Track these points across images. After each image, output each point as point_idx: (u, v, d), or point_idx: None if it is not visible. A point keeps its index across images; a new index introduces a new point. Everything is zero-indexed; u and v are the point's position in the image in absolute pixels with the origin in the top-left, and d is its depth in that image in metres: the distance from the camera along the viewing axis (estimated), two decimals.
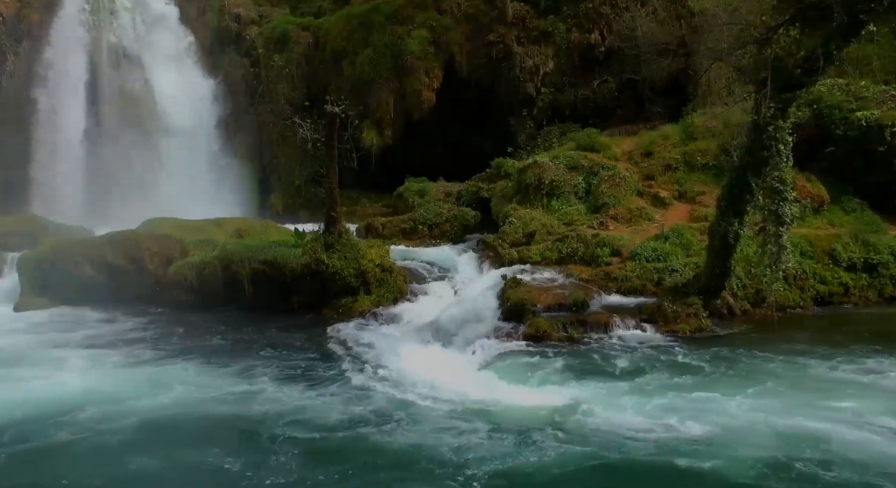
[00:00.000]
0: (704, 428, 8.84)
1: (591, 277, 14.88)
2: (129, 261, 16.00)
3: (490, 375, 11.03)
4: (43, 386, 10.73)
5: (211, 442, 8.75)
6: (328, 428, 9.12)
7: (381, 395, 10.26)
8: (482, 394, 10.12)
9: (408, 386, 10.50)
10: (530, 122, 24.52)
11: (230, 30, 27.36)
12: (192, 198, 22.91)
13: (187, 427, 9.31)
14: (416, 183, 22.56)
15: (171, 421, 9.44)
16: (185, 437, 8.98)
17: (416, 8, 24.92)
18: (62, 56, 24.89)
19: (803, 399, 9.70)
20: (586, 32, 24.46)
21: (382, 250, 16.03)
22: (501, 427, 9.05)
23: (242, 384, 10.84)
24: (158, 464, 8.21)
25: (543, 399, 9.87)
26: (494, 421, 9.21)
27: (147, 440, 8.83)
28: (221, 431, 9.18)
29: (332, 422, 9.32)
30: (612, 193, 18.04)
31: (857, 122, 17.04)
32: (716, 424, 8.97)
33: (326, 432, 9.00)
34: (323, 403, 10.07)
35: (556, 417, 9.28)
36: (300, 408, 9.80)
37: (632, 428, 8.89)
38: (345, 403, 10.04)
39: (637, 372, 10.97)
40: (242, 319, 14.55)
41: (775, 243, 12.32)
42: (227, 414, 9.70)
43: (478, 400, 9.92)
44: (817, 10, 11.37)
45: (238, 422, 9.40)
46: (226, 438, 8.96)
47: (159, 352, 12.60)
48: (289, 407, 9.80)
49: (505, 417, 9.36)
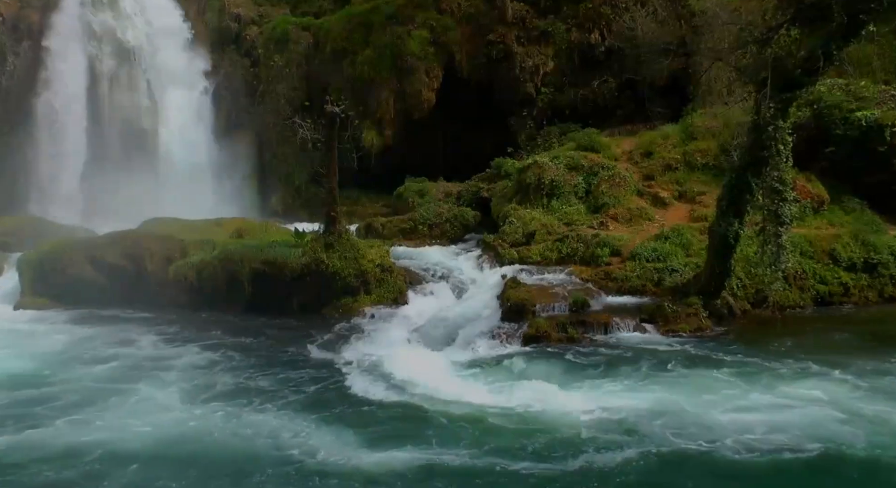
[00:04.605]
0: (704, 429, 8.85)
1: (591, 277, 14.88)
2: (129, 261, 15.98)
3: (490, 375, 11.02)
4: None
5: (208, 442, 8.77)
6: (327, 429, 9.11)
7: (381, 397, 10.24)
8: (482, 396, 10.09)
9: (408, 388, 10.47)
10: (530, 122, 24.49)
11: (230, 30, 27.32)
12: (192, 198, 22.87)
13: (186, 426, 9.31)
14: (415, 183, 22.55)
15: (169, 421, 9.44)
16: (185, 436, 8.98)
17: (416, 8, 24.89)
18: (62, 55, 24.86)
19: (803, 399, 9.69)
20: (586, 32, 24.43)
21: (382, 250, 16.04)
22: (502, 428, 9.04)
23: (241, 385, 10.82)
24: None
25: (543, 399, 9.85)
26: (495, 423, 9.19)
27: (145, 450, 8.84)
28: (220, 430, 9.16)
29: (332, 422, 9.32)
30: (612, 193, 18.03)
31: (857, 122, 17.03)
32: (716, 424, 8.98)
33: (325, 433, 8.96)
34: (323, 403, 10.07)
35: (556, 417, 9.29)
36: (300, 410, 9.77)
37: (631, 428, 8.90)
38: (345, 404, 10.04)
39: (637, 372, 10.96)
40: (242, 319, 14.54)
41: (775, 243, 12.33)
42: (226, 414, 9.69)
43: (478, 401, 9.88)
44: (817, 10, 11.38)
45: (237, 422, 9.38)
46: (223, 438, 8.94)
47: (159, 352, 12.60)
48: (287, 410, 9.74)
49: (505, 418, 9.35)
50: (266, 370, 11.47)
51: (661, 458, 8.15)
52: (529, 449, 8.41)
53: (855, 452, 8.17)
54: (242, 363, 11.88)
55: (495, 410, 9.57)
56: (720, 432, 8.72)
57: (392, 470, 7.97)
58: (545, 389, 10.13)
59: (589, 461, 8.09)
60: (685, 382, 10.46)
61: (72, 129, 24.42)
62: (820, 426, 8.82)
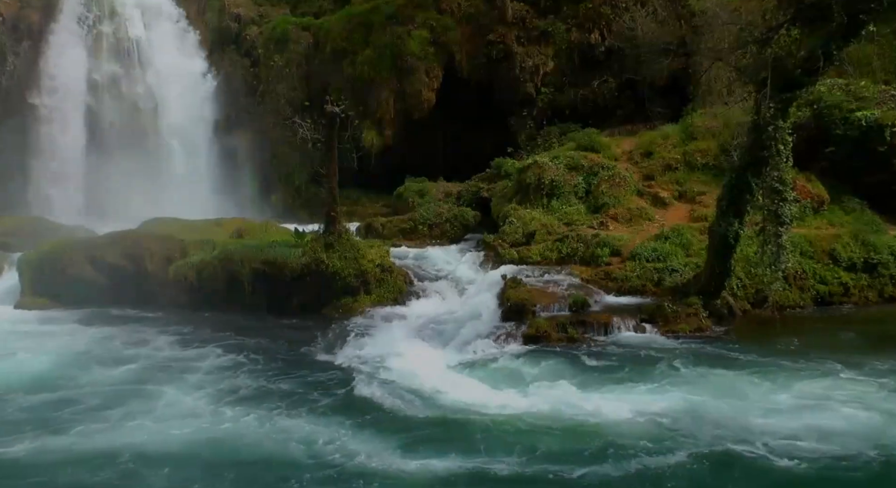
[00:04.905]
0: (702, 429, 8.85)
1: (591, 277, 14.87)
2: (129, 261, 15.98)
3: (490, 376, 11.02)
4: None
5: (242, 445, 8.74)
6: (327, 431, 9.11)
7: (381, 398, 10.23)
8: (482, 397, 10.09)
9: (407, 389, 10.45)
10: (530, 122, 24.51)
11: (230, 30, 27.33)
12: (192, 198, 22.90)
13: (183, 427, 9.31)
14: (415, 183, 22.56)
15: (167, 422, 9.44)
16: (182, 438, 8.98)
17: (416, 8, 24.90)
18: (62, 56, 24.87)
19: (831, 399, 9.68)
20: (586, 32, 24.45)
21: (382, 250, 16.04)
22: (502, 429, 9.03)
23: (264, 387, 10.78)
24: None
25: (543, 399, 9.87)
26: (495, 423, 9.19)
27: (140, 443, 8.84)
28: (253, 434, 9.14)
29: (331, 424, 9.32)
30: (612, 193, 18.04)
31: (857, 122, 17.03)
32: (715, 425, 8.97)
33: (360, 437, 8.92)
34: (323, 405, 10.07)
35: (554, 417, 9.29)
36: (299, 412, 9.76)
37: (673, 431, 8.85)
38: (345, 405, 10.04)
39: (637, 372, 10.95)
40: (242, 319, 14.52)
41: (775, 243, 12.32)
42: (224, 414, 9.69)
43: (478, 402, 9.88)
44: (817, 10, 11.38)
45: (236, 424, 9.38)
46: (221, 440, 8.94)
47: (175, 352, 12.57)
48: (286, 413, 9.72)
49: (505, 419, 9.35)
50: (287, 372, 11.40)
51: (713, 461, 8.03)
52: (584, 454, 8.26)
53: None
54: (262, 365, 11.80)
55: (495, 410, 9.57)
56: (762, 435, 8.62)
57: (435, 476, 7.87)
58: (563, 391, 10.08)
59: (643, 465, 7.95)
60: (706, 383, 10.38)
61: (72, 129, 24.45)
62: (864, 427, 8.72)
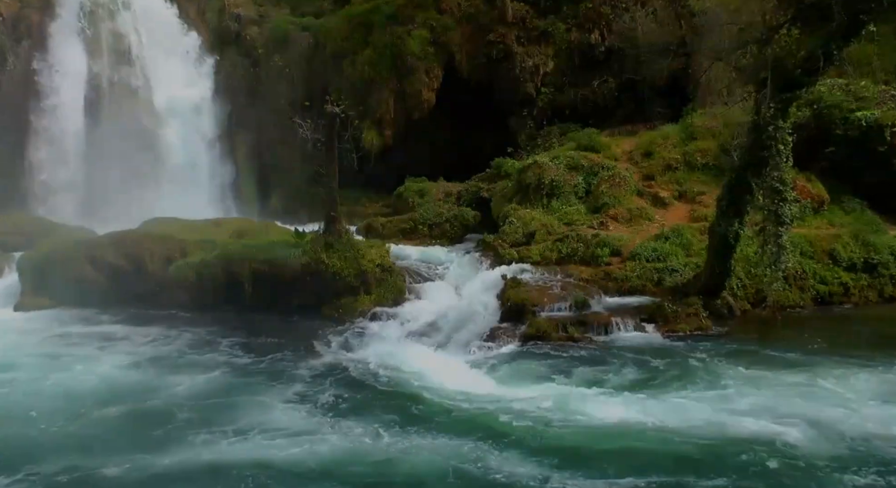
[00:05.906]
0: (701, 429, 8.85)
1: (591, 277, 14.88)
2: (129, 261, 15.95)
3: (489, 376, 11.02)
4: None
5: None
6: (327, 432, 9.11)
7: (381, 398, 10.26)
8: (483, 397, 10.11)
9: (407, 389, 10.47)
10: (530, 122, 24.50)
11: (230, 30, 27.28)
12: (192, 199, 22.87)
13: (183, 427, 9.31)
14: (416, 183, 22.56)
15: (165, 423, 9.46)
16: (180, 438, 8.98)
17: (416, 8, 24.88)
18: (62, 56, 24.83)
19: (802, 399, 9.72)
20: (586, 32, 24.44)
21: (382, 250, 16.03)
22: (502, 430, 9.04)
23: (240, 385, 10.82)
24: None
25: (543, 400, 9.87)
26: (495, 424, 9.20)
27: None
28: (216, 432, 9.16)
29: (331, 424, 9.33)
30: (612, 193, 18.04)
31: (857, 122, 17.04)
32: (715, 424, 8.98)
33: (325, 437, 8.95)
34: (323, 406, 10.07)
35: (554, 417, 9.30)
36: (299, 413, 9.77)
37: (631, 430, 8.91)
38: (345, 406, 10.04)
39: (636, 372, 10.97)
40: (242, 319, 14.52)
41: (775, 243, 12.34)
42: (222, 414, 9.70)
43: (478, 402, 9.90)
44: (817, 10, 11.39)
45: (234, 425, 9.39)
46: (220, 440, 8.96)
47: (158, 352, 12.59)
48: (286, 413, 9.74)
49: (504, 419, 9.36)
50: (265, 372, 11.37)
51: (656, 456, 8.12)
52: (584, 454, 8.26)
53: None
54: (241, 364, 11.80)
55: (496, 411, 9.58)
56: (720, 431, 8.70)
57: (434, 474, 7.89)
58: (564, 391, 10.11)
59: (643, 465, 8.01)
60: (683, 382, 10.41)
61: (72, 130, 24.38)
62: (819, 426, 8.79)
